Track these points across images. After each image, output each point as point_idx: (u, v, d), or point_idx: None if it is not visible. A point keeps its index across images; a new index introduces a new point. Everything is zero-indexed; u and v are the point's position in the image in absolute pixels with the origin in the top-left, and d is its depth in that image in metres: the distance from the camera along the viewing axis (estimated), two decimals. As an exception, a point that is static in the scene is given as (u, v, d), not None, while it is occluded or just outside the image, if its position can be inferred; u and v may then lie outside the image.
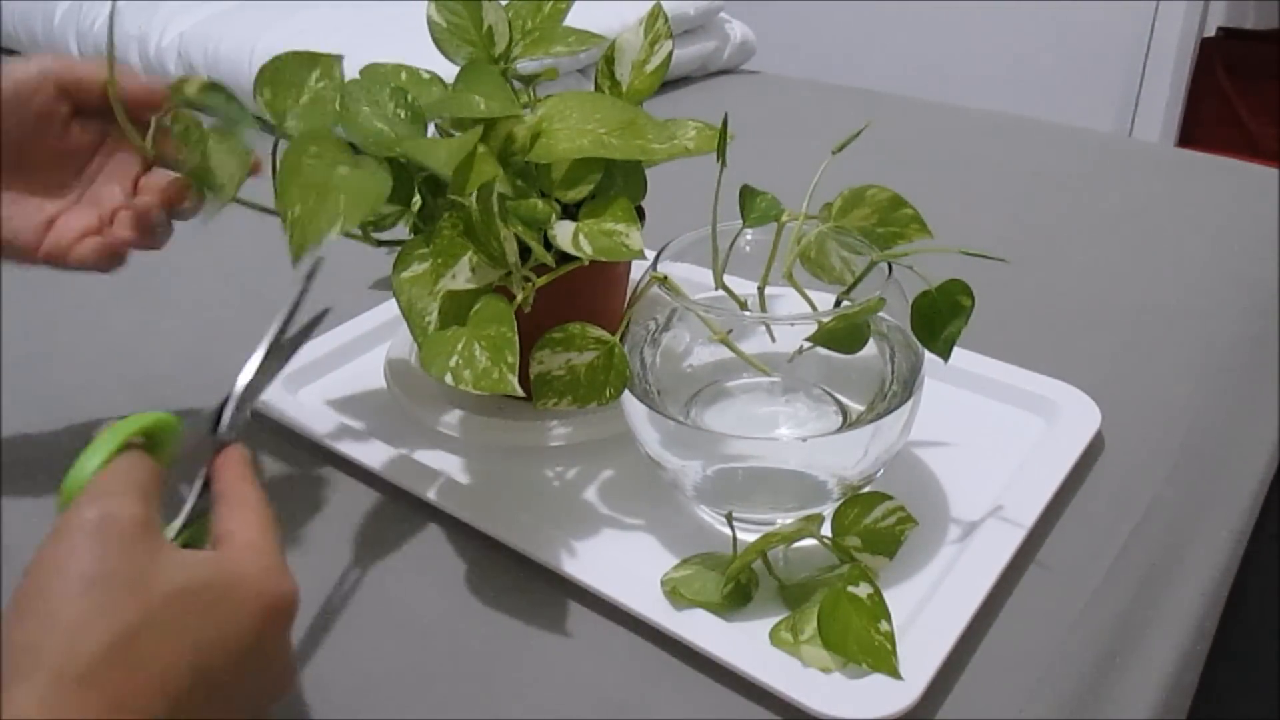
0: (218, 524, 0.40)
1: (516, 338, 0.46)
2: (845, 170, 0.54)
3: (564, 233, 0.50)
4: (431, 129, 0.55)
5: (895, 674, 0.43)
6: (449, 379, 0.46)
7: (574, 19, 0.59)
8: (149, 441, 0.41)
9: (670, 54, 0.57)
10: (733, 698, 0.45)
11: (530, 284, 0.50)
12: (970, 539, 0.51)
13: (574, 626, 0.49)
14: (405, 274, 0.50)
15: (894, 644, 0.44)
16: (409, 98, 0.54)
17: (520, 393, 0.45)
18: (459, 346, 0.47)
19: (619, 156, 0.52)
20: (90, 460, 0.39)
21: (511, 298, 0.48)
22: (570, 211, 0.52)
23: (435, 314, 0.49)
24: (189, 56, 1.18)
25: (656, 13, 0.58)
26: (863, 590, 0.46)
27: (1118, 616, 0.49)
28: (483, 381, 0.45)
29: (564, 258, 0.51)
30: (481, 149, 0.49)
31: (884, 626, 0.45)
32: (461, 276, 0.49)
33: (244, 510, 0.40)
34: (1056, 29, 2.13)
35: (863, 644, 0.44)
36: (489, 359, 0.46)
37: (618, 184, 0.54)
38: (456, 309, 0.49)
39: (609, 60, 0.58)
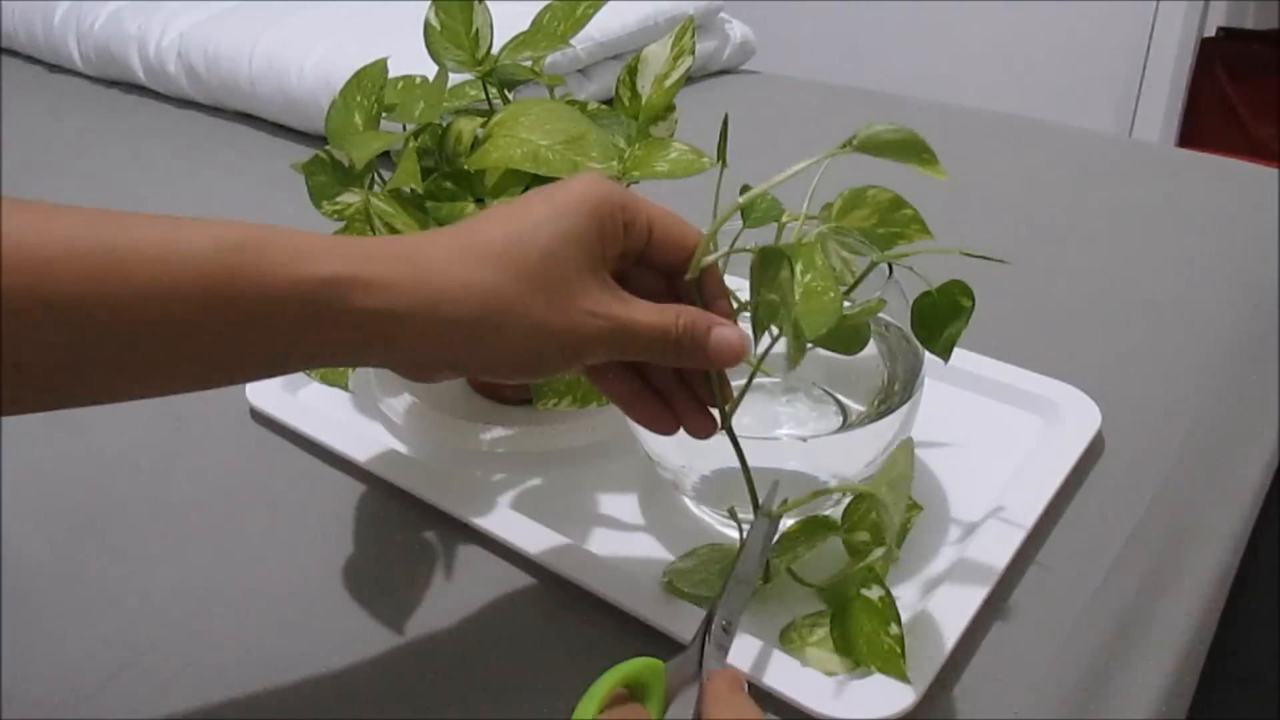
0: None
1: None
2: (845, 170, 0.53)
3: None
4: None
5: (904, 678, 0.43)
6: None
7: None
8: (635, 689, 0.39)
9: (689, 69, 0.57)
10: (733, 698, 0.45)
11: None
12: (970, 539, 0.51)
13: (574, 626, 0.49)
14: None
15: (903, 647, 0.44)
16: (381, 94, 0.55)
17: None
18: None
19: (546, 172, 0.49)
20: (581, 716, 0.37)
21: None
22: None
23: None
24: (189, 57, 1.18)
25: (687, 27, 0.57)
26: (874, 593, 0.46)
27: (1118, 616, 0.49)
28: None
29: None
30: (410, 147, 0.49)
31: (894, 629, 0.44)
32: None
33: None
34: (1056, 29, 2.14)
35: (873, 647, 0.44)
36: None
37: None
38: None
39: (632, 71, 0.57)
